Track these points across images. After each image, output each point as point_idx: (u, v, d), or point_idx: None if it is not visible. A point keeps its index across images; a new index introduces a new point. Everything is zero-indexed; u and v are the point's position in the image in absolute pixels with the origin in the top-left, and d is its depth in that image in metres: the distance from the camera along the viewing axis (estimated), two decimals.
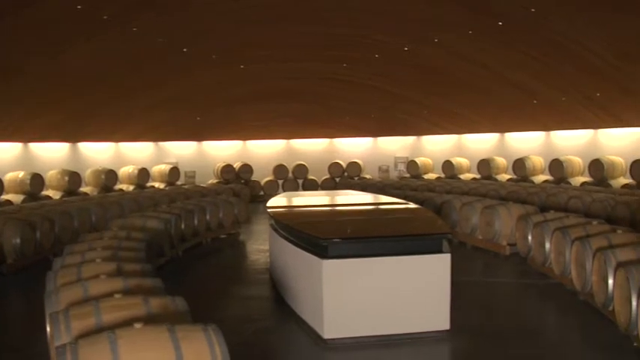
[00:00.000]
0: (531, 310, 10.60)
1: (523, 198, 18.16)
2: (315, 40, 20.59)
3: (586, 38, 17.61)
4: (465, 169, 28.60)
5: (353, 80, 25.37)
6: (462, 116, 27.58)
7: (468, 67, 21.93)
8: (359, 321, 8.47)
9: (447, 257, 8.68)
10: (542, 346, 8.25)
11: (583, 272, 9.72)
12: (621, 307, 8.04)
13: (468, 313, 9.81)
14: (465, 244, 15.99)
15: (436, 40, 20.24)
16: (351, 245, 8.61)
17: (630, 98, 20.03)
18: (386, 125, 31.12)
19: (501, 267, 13.79)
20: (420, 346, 8.34)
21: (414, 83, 24.86)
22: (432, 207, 17.11)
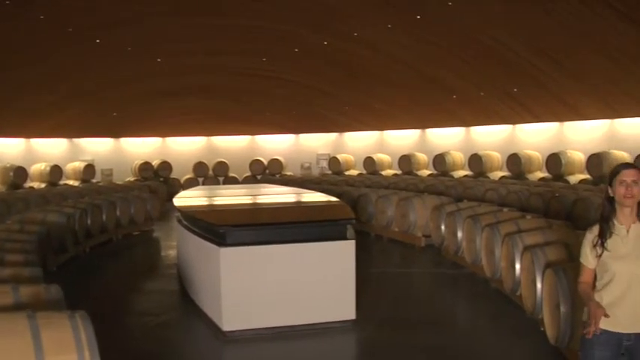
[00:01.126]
0: (442, 299, 10.40)
1: (441, 191, 18.08)
2: (233, 34, 20.10)
3: (502, 34, 17.67)
4: (387, 165, 28.52)
5: (273, 75, 24.96)
6: (383, 112, 27.50)
7: (388, 62, 21.81)
8: (260, 312, 8.01)
9: (352, 244, 8.29)
10: (449, 335, 8.03)
11: (492, 258, 9.54)
12: (527, 292, 7.85)
13: (378, 303, 9.55)
14: (381, 237, 15.76)
15: (356, 35, 20.02)
16: (250, 232, 8.14)
17: (545, 93, 20.20)
18: (308, 122, 30.81)
19: (416, 258, 13.60)
20: (324, 337, 7.97)
21: (334, 78, 24.62)
22: (349, 200, 16.78)
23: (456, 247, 11.80)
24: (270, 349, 7.70)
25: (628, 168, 4.17)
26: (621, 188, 4.12)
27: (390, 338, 7.91)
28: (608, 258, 4.14)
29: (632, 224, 4.17)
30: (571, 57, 17.71)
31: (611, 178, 4.20)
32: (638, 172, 4.15)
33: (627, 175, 4.12)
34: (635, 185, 4.10)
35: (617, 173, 4.16)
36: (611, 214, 4.21)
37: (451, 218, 12.03)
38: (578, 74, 18.51)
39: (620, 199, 4.12)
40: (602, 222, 4.22)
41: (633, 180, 4.10)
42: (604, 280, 4.19)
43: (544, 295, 6.98)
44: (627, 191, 4.09)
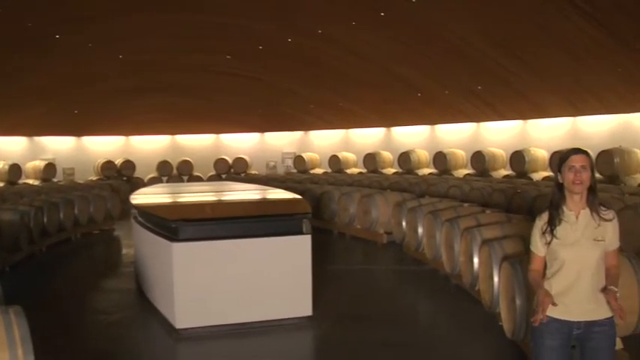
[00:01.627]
0: (402, 296, 10.27)
1: (404, 188, 17.99)
2: (196, 30, 19.78)
3: (467, 31, 17.65)
4: (352, 163, 28.42)
5: (238, 73, 24.69)
6: (348, 110, 27.38)
7: (353, 60, 21.68)
8: (214, 308, 7.81)
9: (307, 238, 8.11)
10: (408, 331, 7.89)
11: (452, 253, 9.44)
12: (485, 285, 7.76)
13: (337, 300, 9.42)
14: (344, 234, 15.62)
15: (320, 32, 19.86)
16: (204, 227, 7.92)
17: (510, 91, 20.24)
18: (273, 120, 30.59)
19: (378, 255, 13.51)
20: (280, 334, 7.80)
21: (299, 76, 24.43)
22: (312, 198, 16.67)
23: (416, 243, 11.69)
24: (224, 346, 7.53)
25: (577, 153, 4.06)
26: (570, 174, 4.01)
27: (347, 335, 7.76)
28: (558, 245, 4.04)
29: (581, 210, 4.07)
30: (535, 55, 17.74)
31: (560, 165, 4.10)
32: (587, 157, 4.05)
33: (576, 161, 4.02)
34: (585, 171, 4.00)
35: (566, 159, 4.06)
36: (560, 201, 4.11)
37: (412, 214, 11.92)
38: (542, 72, 18.56)
39: (570, 185, 4.02)
40: (552, 209, 4.12)
41: (582, 165, 4.00)
42: (554, 268, 4.09)
43: (501, 289, 6.88)
44: (576, 177, 3.99)
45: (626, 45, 15.40)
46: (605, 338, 4.03)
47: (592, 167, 4.05)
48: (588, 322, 4.00)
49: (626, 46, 15.42)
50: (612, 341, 4.09)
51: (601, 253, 4.02)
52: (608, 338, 4.05)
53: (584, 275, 3.99)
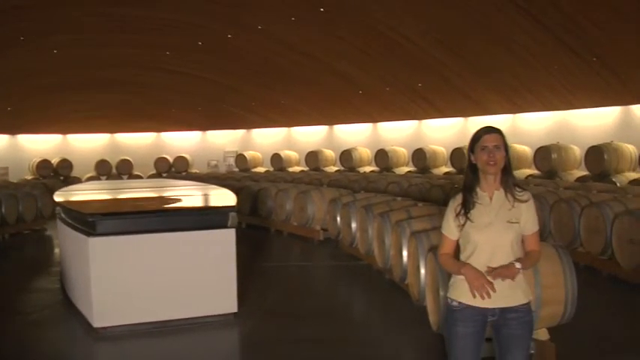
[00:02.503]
0: (334, 292, 10.07)
1: (344, 185, 17.82)
2: (135, 25, 19.29)
3: (407, 28, 17.60)
4: (294, 162, 28.19)
5: (178, 70, 24.24)
6: (290, 108, 27.16)
7: (294, 56, 21.47)
8: (135, 306, 7.45)
9: (232, 232, 7.81)
10: (338, 327, 7.67)
11: (383, 247, 9.26)
12: (413, 278, 7.58)
13: (268, 297, 9.19)
14: (281, 232, 15.34)
15: (260, 28, 19.59)
16: (122, 221, 7.58)
17: (450, 89, 20.26)
18: (215, 118, 30.16)
19: (314, 251, 13.28)
20: (203, 332, 7.49)
21: (240, 73, 24.12)
22: (249, 195, 16.40)
23: (351, 238, 11.49)
24: (145, 345, 7.20)
25: (490, 132, 3.87)
26: (483, 154, 3.82)
27: (275, 332, 7.53)
28: (471, 228, 3.84)
29: (495, 191, 3.88)
30: (474, 53, 17.80)
31: (473, 145, 3.89)
32: (500, 136, 3.86)
33: (489, 141, 3.83)
34: (498, 151, 3.81)
35: (479, 139, 3.87)
36: (474, 183, 3.91)
37: (346, 209, 11.72)
38: (481, 70, 18.63)
39: (483, 165, 3.82)
40: (465, 191, 3.92)
41: (495, 145, 3.81)
42: (467, 251, 3.89)
43: (427, 281, 6.70)
44: (490, 157, 3.79)
45: (562, 43, 15.51)
46: (520, 325, 3.83)
47: (506, 146, 3.85)
48: (503, 309, 3.81)
49: (563, 44, 15.54)
50: (529, 328, 3.89)
51: (515, 235, 3.83)
52: (524, 325, 3.85)
53: (498, 259, 3.78)
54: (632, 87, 16.42)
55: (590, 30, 14.61)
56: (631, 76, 15.98)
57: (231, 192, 10.05)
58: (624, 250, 9.12)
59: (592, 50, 15.46)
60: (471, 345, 3.86)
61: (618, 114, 18.02)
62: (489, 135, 3.83)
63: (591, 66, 16.12)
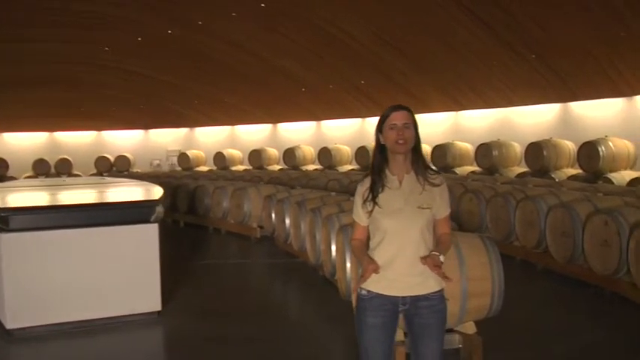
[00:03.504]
0: (266, 290, 9.83)
1: (284, 183, 17.52)
2: (72, 19, 18.67)
3: (349, 25, 17.44)
4: (238, 160, 27.80)
5: (118, 66, 23.61)
6: (233, 106, 26.77)
7: (236, 53, 21.13)
8: (52, 306, 7.10)
9: (154, 227, 7.50)
10: (267, 325, 7.45)
11: (314, 243, 9.04)
12: (341, 273, 7.36)
13: (198, 295, 8.98)
14: (219, 230, 15.03)
15: (200, 23, 19.21)
16: (38, 216, 7.20)
17: (393, 86, 20.19)
18: (157, 116, 29.54)
19: (250, 249, 13.03)
20: (125, 331, 7.20)
21: (182, 71, 23.63)
22: (186, 193, 16.05)
23: (285, 234, 11.25)
24: (63, 347, 6.86)
25: (398, 110, 3.65)
26: (392, 133, 3.59)
27: (202, 330, 7.29)
28: (380, 213, 3.61)
29: (405, 175, 3.66)
30: (416, 49, 17.74)
31: (381, 124, 3.67)
32: (409, 114, 3.64)
33: (398, 118, 3.61)
34: (408, 129, 3.59)
35: (387, 117, 3.64)
36: (382, 165, 3.68)
37: (280, 205, 11.48)
38: (424, 67, 18.59)
39: (392, 145, 3.60)
40: (374, 174, 3.69)
41: (405, 123, 3.59)
42: (376, 238, 3.67)
43: (353, 276, 6.49)
44: (399, 135, 3.56)
45: (502, 40, 15.54)
46: (433, 314, 3.64)
47: (415, 125, 3.64)
48: (414, 297, 3.61)
49: (503, 41, 15.56)
50: (441, 317, 3.68)
51: (427, 221, 3.63)
52: (436, 314, 3.65)
53: (409, 245, 3.58)
54: (570, 84, 16.52)
55: (530, 27, 14.64)
56: (569, 74, 16.08)
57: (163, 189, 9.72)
58: (558, 243, 9.08)
59: (531, 48, 15.50)
60: (381, 336, 3.65)
61: (558, 111, 18.13)
62: (398, 112, 3.62)
63: (531, 63, 16.18)
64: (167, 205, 16.48)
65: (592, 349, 6.24)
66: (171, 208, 16.70)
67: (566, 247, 8.85)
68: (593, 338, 6.59)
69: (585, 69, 15.46)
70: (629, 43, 13.85)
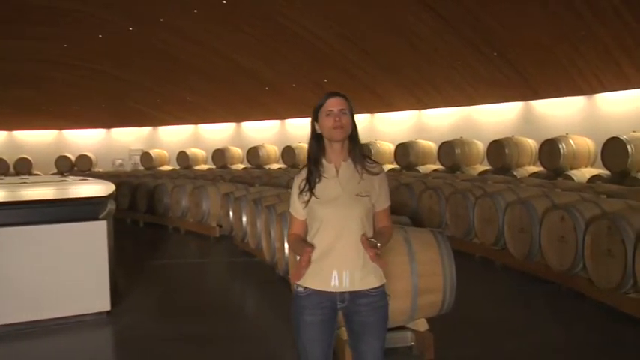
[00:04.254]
0: (221, 288, 9.59)
1: (246, 181, 17.33)
2: (29, 14, 18.26)
3: (311, 22, 17.31)
4: (201, 160, 27.49)
5: (78, 64, 23.19)
6: (197, 105, 26.50)
7: (198, 51, 20.88)
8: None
9: (102, 225, 7.27)
10: (220, 323, 7.28)
11: (270, 240, 8.88)
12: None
13: (150, 294, 8.75)
14: (178, 229, 14.79)
15: (162, 20, 18.93)
16: None
17: (356, 84, 20.08)
18: (119, 115, 29.11)
19: (208, 248, 12.82)
20: (72, 332, 6.97)
21: (144, 69, 23.30)
22: (146, 192, 15.78)
23: (242, 233, 11.07)
24: (6, 349, 6.59)
25: (334, 96, 3.51)
26: (329, 120, 3.46)
27: (153, 329, 7.10)
28: (316, 203, 3.45)
29: (342, 162, 3.51)
30: (379, 48, 17.68)
31: (316, 113, 3.54)
32: (346, 101, 3.51)
33: (334, 104, 3.48)
34: (344, 115, 3.45)
35: (322, 104, 3.51)
36: (319, 154, 3.54)
37: (237, 203, 11.29)
38: (386, 65, 18.53)
39: (329, 132, 3.46)
40: (310, 164, 3.54)
41: (341, 109, 3.46)
42: (313, 229, 3.50)
43: (292, 272, 6.32)
44: (336, 122, 3.43)
45: (465, 39, 15.53)
46: (373, 311, 3.47)
47: (352, 112, 3.50)
48: (353, 293, 3.45)
49: (466, 39, 15.56)
50: (383, 314, 3.52)
51: (365, 210, 3.46)
52: (377, 310, 3.49)
53: (346, 237, 3.41)
54: (532, 83, 16.58)
55: (492, 26, 14.65)
56: (531, 72, 16.13)
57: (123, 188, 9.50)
58: (515, 239, 9.04)
59: (494, 46, 15.52)
60: (319, 335, 3.49)
61: (520, 109, 18.20)
62: (334, 99, 3.49)
63: (493, 62, 16.19)
64: (126, 204, 16.32)
65: (544, 346, 6.17)
66: (130, 207, 16.45)
67: (523, 243, 8.80)
68: (546, 335, 6.53)
69: (547, 67, 15.50)
70: (589, 42, 13.91)
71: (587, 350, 6.09)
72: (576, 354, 6.01)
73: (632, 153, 12.85)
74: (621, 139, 13.01)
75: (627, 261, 6.64)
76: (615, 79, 14.97)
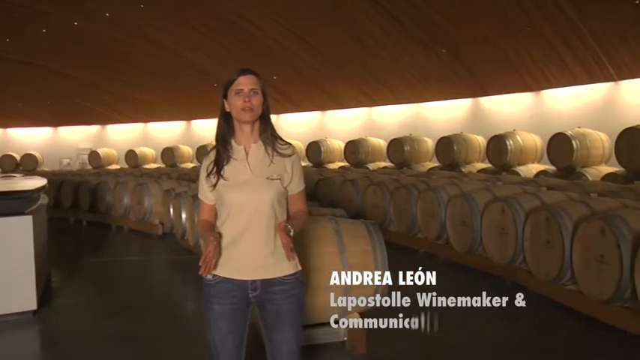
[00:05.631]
0: (157, 286, 9.35)
1: (193, 179, 17.03)
2: None
3: (259, 18, 17.14)
4: (150, 158, 27.01)
5: (22, 59, 22.66)
6: (146, 103, 26.11)
7: (146, 47, 20.54)
8: None
9: (28, 220, 6.95)
10: (153, 322, 7.05)
11: None
12: None
13: (83, 292, 8.51)
14: (122, 228, 14.42)
15: (108, 15, 18.54)
16: None
17: (305, 82, 19.95)
18: (66, 113, 28.52)
19: (150, 246, 12.52)
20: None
21: (91, 65, 22.84)
22: (88, 189, 15.37)
23: (182, 230, 10.80)
24: None
25: (245, 74, 3.30)
26: (238, 99, 3.25)
27: (82, 329, 6.82)
28: (224, 187, 3.25)
29: (252, 144, 3.32)
30: (327, 44, 17.59)
31: (226, 91, 3.31)
32: (257, 79, 3.31)
33: (244, 83, 3.27)
34: (255, 95, 3.26)
35: (232, 82, 3.29)
36: (227, 135, 3.33)
37: (177, 200, 11.02)
38: (335, 62, 18.44)
39: (238, 112, 3.26)
40: (218, 145, 3.34)
41: (252, 89, 3.26)
42: (222, 215, 3.30)
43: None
44: (245, 102, 3.22)
45: (412, 34, 15.50)
46: (287, 299, 3.27)
47: (264, 91, 3.31)
48: (265, 281, 3.25)
49: (412, 35, 15.52)
50: (297, 303, 3.32)
51: (278, 193, 3.27)
52: (291, 299, 3.29)
53: (257, 222, 3.22)
54: (480, 79, 16.63)
55: (439, 21, 14.64)
56: (479, 69, 16.18)
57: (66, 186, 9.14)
58: (458, 233, 8.95)
59: (441, 42, 15.52)
60: (229, 326, 3.29)
61: (469, 106, 18.25)
62: (244, 77, 3.29)
63: (440, 58, 16.20)
64: (69, 203, 15.90)
65: (481, 340, 6.07)
66: (73, 206, 16.04)
67: (465, 236, 8.71)
68: (484, 329, 6.40)
69: (494, 64, 15.55)
70: (535, 38, 13.97)
71: (522, 342, 6.00)
72: (512, 346, 5.92)
73: (577, 148, 12.93)
74: (566, 135, 13.07)
75: (565, 252, 6.58)
76: (561, 76, 15.07)
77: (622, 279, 5.83)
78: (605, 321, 6.21)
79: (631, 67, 14.08)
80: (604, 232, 6.05)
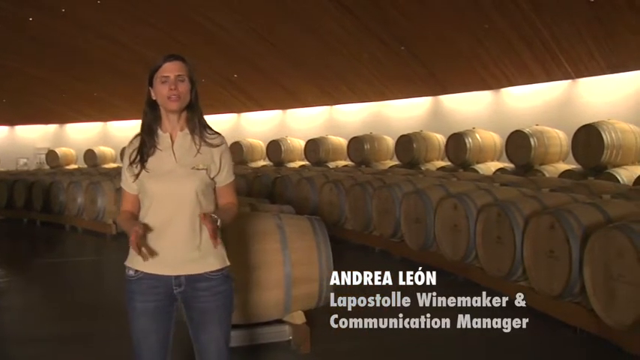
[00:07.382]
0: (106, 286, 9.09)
1: None
2: None
3: (220, 16, 16.98)
4: (110, 158, 26.59)
5: None
6: (105, 101, 25.76)
7: (103, 44, 20.24)
8: None
9: None
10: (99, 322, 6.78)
11: None
12: None
13: (27, 293, 8.30)
14: (76, 228, 14.08)
15: (64, 11, 18.19)
16: None
17: (265, 80, 19.81)
18: (22, 112, 28.00)
19: (102, 247, 12.23)
20: None
21: (47, 62, 22.45)
22: (41, 189, 15.02)
23: None
24: None
25: (171, 60, 3.12)
26: (163, 87, 3.08)
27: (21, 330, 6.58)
28: (147, 177, 3.09)
29: (178, 132, 3.15)
30: (287, 41, 17.49)
31: (151, 77, 3.13)
32: (185, 65, 3.13)
33: (170, 70, 3.09)
34: (182, 83, 3.09)
35: (158, 68, 3.11)
36: (153, 124, 3.18)
37: None
38: (295, 59, 18.35)
39: (164, 101, 3.09)
40: (143, 134, 3.19)
41: (178, 75, 3.08)
42: (145, 206, 3.13)
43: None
44: (171, 90, 3.06)
45: (371, 31, 15.46)
46: (213, 296, 3.11)
47: (192, 78, 3.15)
48: (190, 277, 3.09)
49: (371, 32, 15.48)
50: (225, 300, 3.16)
51: (204, 184, 3.11)
52: (218, 296, 3.12)
53: (181, 214, 3.06)
54: (439, 77, 16.65)
55: (397, 18, 14.60)
56: (438, 67, 16.21)
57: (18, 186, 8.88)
58: (411, 230, 8.86)
59: (400, 40, 15.48)
60: (153, 324, 3.12)
61: (429, 104, 18.26)
62: (171, 63, 3.11)
63: (400, 56, 16.18)
64: (21, 203, 15.53)
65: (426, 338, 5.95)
66: (26, 206, 15.66)
67: (419, 233, 8.63)
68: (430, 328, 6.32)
69: (453, 62, 15.59)
70: (492, 35, 14.00)
71: (468, 340, 5.90)
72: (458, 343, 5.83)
73: (534, 146, 12.98)
74: (524, 132, 13.11)
75: (516, 248, 6.51)
76: (519, 74, 15.14)
77: (571, 274, 5.77)
78: (556, 317, 6.16)
79: (588, 65, 14.18)
80: (554, 226, 6.00)
